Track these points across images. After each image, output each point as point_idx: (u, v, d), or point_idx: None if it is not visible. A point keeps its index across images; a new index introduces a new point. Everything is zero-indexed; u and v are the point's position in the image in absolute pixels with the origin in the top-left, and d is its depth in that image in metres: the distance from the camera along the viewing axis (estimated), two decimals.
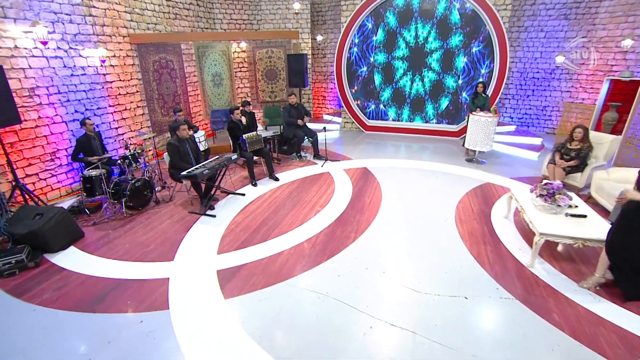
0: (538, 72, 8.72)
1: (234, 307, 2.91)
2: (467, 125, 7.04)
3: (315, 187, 5.48)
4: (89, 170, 4.58)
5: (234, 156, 4.92)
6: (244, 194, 5.23)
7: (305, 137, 6.75)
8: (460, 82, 8.22)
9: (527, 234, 4.00)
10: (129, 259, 3.64)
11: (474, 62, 7.98)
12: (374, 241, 3.93)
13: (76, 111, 5.35)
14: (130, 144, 5.84)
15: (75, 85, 5.30)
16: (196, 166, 4.54)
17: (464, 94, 8.28)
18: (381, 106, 9.08)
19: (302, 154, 6.97)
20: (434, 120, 8.78)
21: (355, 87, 9.07)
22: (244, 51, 9.07)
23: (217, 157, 4.97)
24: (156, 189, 5.19)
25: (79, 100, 5.39)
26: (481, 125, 6.39)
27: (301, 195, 5.21)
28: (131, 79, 6.39)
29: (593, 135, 5.28)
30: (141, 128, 6.71)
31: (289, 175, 6.07)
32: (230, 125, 5.66)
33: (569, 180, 5.14)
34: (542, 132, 9.04)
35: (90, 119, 4.93)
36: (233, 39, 8.51)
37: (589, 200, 4.82)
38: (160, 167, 5.77)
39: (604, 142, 5.19)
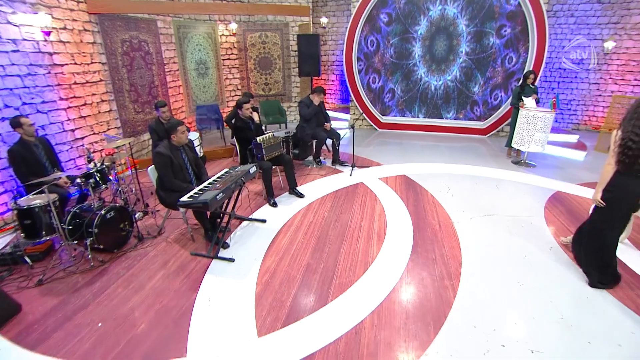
0: (564, 62, 7.92)
1: None
2: (509, 122, 6.04)
3: (356, 206, 4.15)
4: (28, 197, 2.93)
5: (253, 168, 3.46)
6: (264, 220, 3.78)
7: (327, 139, 5.37)
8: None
9: None
10: (105, 358, 2.12)
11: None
12: (474, 287, 2.68)
13: (6, 105, 3.62)
14: (94, 154, 4.18)
15: (1, 66, 3.57)
16: (200, 187, 3.04)
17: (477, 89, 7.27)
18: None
19: (322, 159, 5.58)
20: (460, 117, 7.71)
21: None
22: (234, 34, 7.48)
23: (226, 170, 3.49)
24: (136, 216, 3.61)
25: (10, 89, 3.66)
26: (535, 122, 5.36)
27: (342, 218, 3.85)
28: (92, 62, 4.68)
29: None
30: (107, 130, 5.00)
31: (311, 188, 4.68)
32: (238, 124, 4.15)
33: None
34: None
35: (28, 118, 3.27)
36: (223, 13, 6.90)
37: None
38: (138, 180, 4.13)
39: None
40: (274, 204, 4.15)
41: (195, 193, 2.93)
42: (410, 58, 7.41)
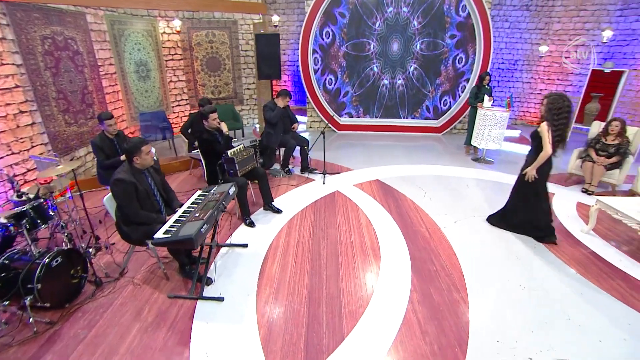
0: (503, 62, 8.62)
1: None
2: (467, 121, 6.36)
3: (340, 219, 3.93)
4: None
5: (232, 188, 3.03)
6: (246, 245, 3.37)
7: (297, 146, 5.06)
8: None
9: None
10: None
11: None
12: (482, 297, 2.66)
13: None
14: (21, 184, 3.34)
15: None
16: (174, 217, 2.56)
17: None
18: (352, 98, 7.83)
19: (291, 167, 5.25)
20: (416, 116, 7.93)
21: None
22: (178, 32, 6.72)
23: (199, 194, 3.02)
24: (89, 253, 2.94)
25: None
26: (491, 121, 5.69)
27: (330, 234, 3.61)
28: (2, 63, 3.76)
29: None
30: (31, 148, 4.08)
31: (285, 201, 4.35)
32: (205, 137, 3.63)
33: (605, 177, 4.71)
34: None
35: None
36: (170, 8, 6.13)
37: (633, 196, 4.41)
38: (85, 207, 3.38)
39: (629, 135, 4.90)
40: (251, 224, 3.75)
41: (171, 226, 2.44)
42: (366, 59, 7.38)
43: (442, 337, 2.32)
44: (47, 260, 2.39)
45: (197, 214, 2.56)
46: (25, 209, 2.52)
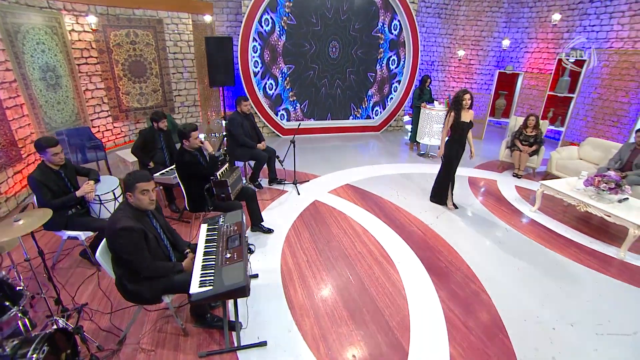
0: (422, 63, 9.57)
1: None
2: (412, 119, 6.92)
3: (335, 230, 3.88)
4: None
5: (243, 217, 2.69)
6: (256, 275, 3.06)
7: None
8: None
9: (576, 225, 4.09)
10: None
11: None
12: (499, 291, 3.00)
13: None
14: None
15: None
16: (198, 263, 2.17)
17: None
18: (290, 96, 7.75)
19: (260, 181, 4.92)
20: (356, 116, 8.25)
21: None
22: (94, 30, 5.58)
23: (208, 227, 2.62)
24: (81, 328, 2.25)
25: None
26: (434, 119, 6.31)
27: (334, 247, 3.54)
28: None
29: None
30: None
31: (269, 218, 4.03)
32: (187, 159, 3.13)
33: (528, 163, 5.71)
34: None
35: None
36: (85, 2, 5.03)
37: (548, 177, 5.49)
38: (45, 264, 2.57)
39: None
40: (251, 250, 3.42)
41: (203, 275, 2.06)
42: (304, 56, 7.33)
43: (483, 328, 2.53)
44: (33, 355, 1.76)
45: (227, 255, 2.22)
46: None
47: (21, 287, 2.06)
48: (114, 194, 3.04)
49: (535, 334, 2.51)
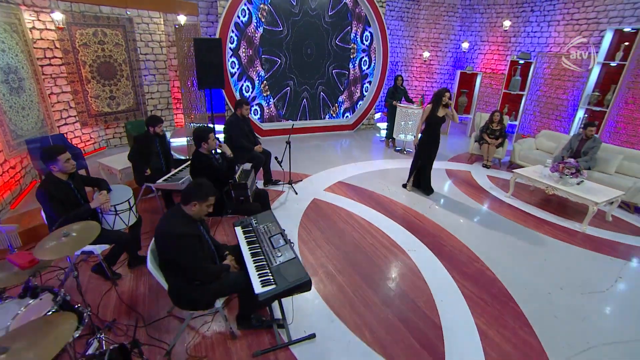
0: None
1: None
2: (388, 118, 7.30)
3: (343, 226, 4.06)
4: None
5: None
6: None
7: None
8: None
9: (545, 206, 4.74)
10: None
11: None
12: (511, 275, 3.42)
13: None
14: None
15: None
16: (250, 264, 2.23)
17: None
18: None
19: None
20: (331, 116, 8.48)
21: None
22: (60, 29, 5.11)
23: (242, 230, 2.65)
24: (140, 343, 2.16)
25: None
26: (409, 117, 6.75)
27: (347, 241, 3.73)
28: None
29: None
30: None
31: None
32: (205, 162, 3.08)
33: (495, 154, 6.38)
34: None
35: None
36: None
37: (512, 166, 6.20)
38: (78, 281, 2.38)
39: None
40: None
41: (261, 275, 2.13)
42: (279, 54, 7.40)
43: (496, 300, 2.89)
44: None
45: (278, 254, 2.30)
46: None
47: (78, 305, 1.95)
48: (129, 203, 2.91)
49: (536, 298, 2.94)
